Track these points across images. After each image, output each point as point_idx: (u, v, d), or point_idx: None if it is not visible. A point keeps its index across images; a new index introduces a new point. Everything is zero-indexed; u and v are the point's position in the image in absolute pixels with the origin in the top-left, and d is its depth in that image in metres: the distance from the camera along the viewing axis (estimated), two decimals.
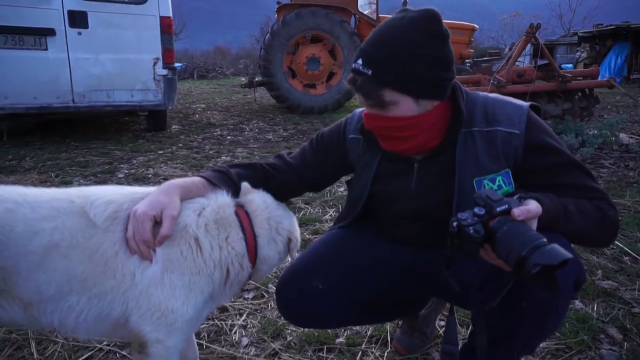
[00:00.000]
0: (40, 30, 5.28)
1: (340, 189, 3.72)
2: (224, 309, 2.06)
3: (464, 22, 10.23)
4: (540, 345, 1.68)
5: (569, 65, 17.82)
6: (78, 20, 5.44)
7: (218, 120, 8.01)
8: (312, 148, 1.52)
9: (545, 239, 0.93)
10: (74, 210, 1.15)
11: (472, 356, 1.27)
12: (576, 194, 1.18)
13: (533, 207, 1.02)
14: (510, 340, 1.18)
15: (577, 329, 1.84)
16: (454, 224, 1.02)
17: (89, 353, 1.74)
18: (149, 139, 6.18)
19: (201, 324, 1.73)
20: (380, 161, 1.38)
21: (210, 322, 1.96)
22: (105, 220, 1.15)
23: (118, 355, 1.74)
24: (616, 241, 2.50)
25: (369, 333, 1.87)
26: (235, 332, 1.90)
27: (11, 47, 5.21)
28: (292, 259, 1.45)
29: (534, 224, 1.03)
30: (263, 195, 1.37)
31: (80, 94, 5.62)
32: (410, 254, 1.42)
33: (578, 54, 19.33)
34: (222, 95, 12.93)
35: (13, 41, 5.21)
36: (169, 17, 5.86)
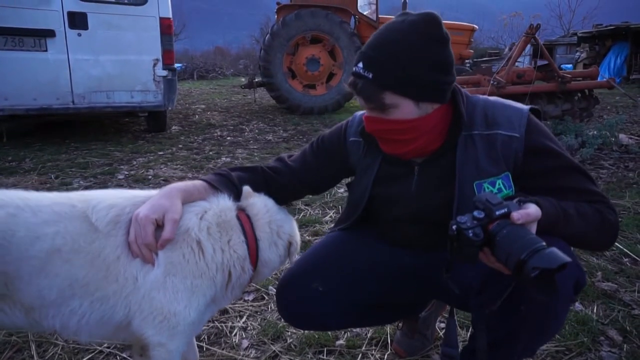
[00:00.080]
0: (40, 32, 5.29)
1: (340, 191, 3.72)
2: (224, 311, 2.06)
3: (463, 23, 10.25)
4: (541, 347, 1.68)
5: (569, 66, 17.85)
6: (78, 22, 5.44)
7: (218, 121, 8.01)
8: (313, 151, 1.52)
9: (544, 243, 0.93)
10: (76, 215, 1.15)
11: (473, 359, 1.27)
12: (576, 198, 1.19)
13: (532, 211, 1.02)
14: (510, 344, 1.18)
15: (577, 331, 1.85)
16: (454, 227, 1.02)
17: (90, 355, 1.75)
18: (148, 140, 6.18)
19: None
20: (380, 164, 1.39)
21: (210, 324, 1.96)
22: (107, 224, 1.16)
23: (118, 358, 1.74)
24: (616, 243, 2.50)
25: (369, 335, 1.87)
26: (235, 335, 1.90)
27: (11, 49, 5.21)
28: (292, 262, 1.46)
29: (534, 228, 1.03)
30: (264, 199, 1.38)
31: (80, 95, 5.62)
32: (410, 257, 1.42)
33: (577, 54, 19.34)
34: (222, 95, 12.93)
35: (13, 42, 5.21)
36: (169, 18, 5.86)
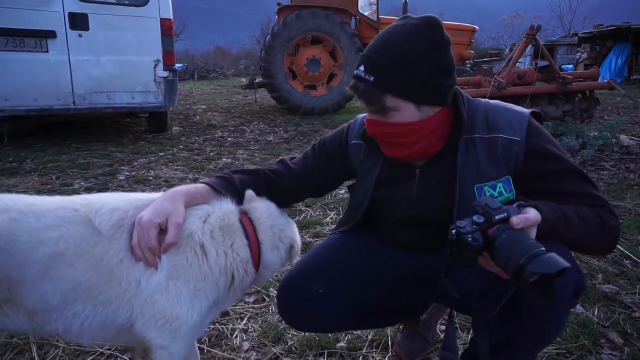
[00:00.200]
0: (41, 33, 5.30)
1: (341, 192, 3.72)
2: (225, 314, 2.06)
3: (464, 24, 10.25)
4: (542, 351, 1.68)
5: (570, 66, 17.85)
6: (79, 23, 5.45)
7: (219, 122, 8.02)
8: (315, 154, 1.52)
9: (543, 248, 0.93)
10: (79, 219, 1.15)
11: None
12: (577, 202, 1.19)
13: (532, 216, 1.02)
14: (511, 348, 1.18)
15: (578, 334, 1.85)
16: (453, 232, 1.02)
17: (91, 358, 1.75)
18: (149, 141, 6.18)
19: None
20: (382, 167, 1.39)
21: (211, 327, 1.96)
22: (110, 228, 1.16)
23: None
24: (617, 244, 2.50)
25: (370, 338, 1.87)
26: (236, 337, 1.90)
27: (12, 50, 5.22)
28: (293, 265, 1.47)
29: (534, 233, 1.03)
30: (267, 203, 1.39)
31: (81, 96, 5.63)
32: (411, 260, 1.42)
33: (579, 54, 19.34)
34: (223, 96, 12.95)
35: (14, 43, 5.22)
36: (170, 20, 5.87)
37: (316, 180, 1.52)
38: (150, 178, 4.36)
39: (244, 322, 2.00)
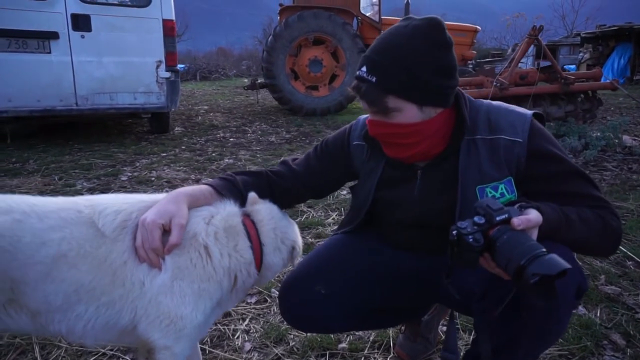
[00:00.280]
0: (43, 34, 5.32)
1: (343, 193, 3.72)
2: (226, 314, 2.06)
3: (466, 24, 10.22)
4: (543, 352, 1.68)
5: (572, 67, 17.78)
6: (81, 24, 5.47)
7: (221, 122, 8.03)
8: (317, 155, 1.53)
9: (544, 249, 0.93)
10: (82, 220, 1.16)
11: None
12: (579, 203, 1.19)
13: (533, 217, 1.03)
14: (512, 349, 1.18)
15: (580, 335, 1.84)
16: (454, 232, 1.02)
17: (93, 358, 1.75)
18: (151, 142, 6.19)
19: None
20: (384, 168, 1.39)
21: (213, 327, 1.96)
22: (114, 230, 1.16)
23: None
24: (619, 246, 2.49)
25: (371, 339, 1.87)
26: (238, 337, 1.90)
27: (15, 51, 5.24)
28: (293, 266, 1.48)
29: (535, 234, 1.03)
30: (269, 206, 1.40)
31: (84, 96, 5.65)
32: (413, 260, 1.43)
33: (581, 54, 19.27)
34: (225, 96, 12.96)
35: (17, 44, 5.24)
36: (172, 20, 5.89)
37: (318, 181, 1.52)
38: (152, 178, 4.36)
39: (246, 323, 2.01)
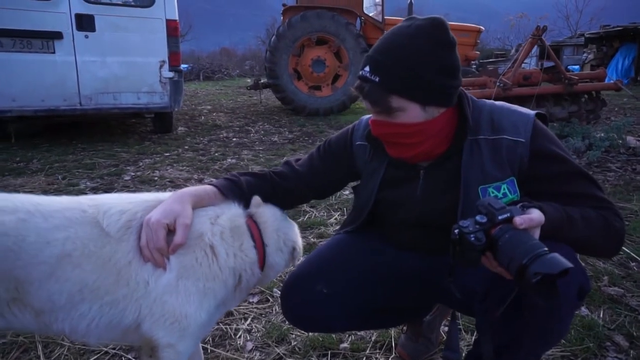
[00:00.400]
0: (47, 34, 5.33)
1: (345, 193, 3.72)
2: (228, 314, 2.06)
3: (469, 24, 10.21)
4: (545, 352, 1.68)
5: (576, 67, 17.73)
6: (85, 24, 5.48)
7: (224, 122, 8.04)
8: (320, 155, 1.53)
9: (546, 248, 0.93)
10: (87, 220, 1.16)
11: None
12: (582, 203, 1.18)
13: (535, 216, 1.02)
14: (514, 349, 1.17)
15: (583, 336, 1.84)
16: (456, 231, 1.03)
17: (95, 356, 1.76)
18: (155, 141, 6.21)
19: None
20: (386, 168, 1.39)
21: (215, 326, 1.96)
22: (118, 230, 1.17)
23: (124, 359, 1.76)
24: (622, 247, 2.48)
25: (373, 338, 1.87)
26: (239, 337, 1.91)
27: (19, 51, 5.26)
28: (294, 266, 1.49)
29: (537, 233, 1.03)
30: (272, 208, 1.42)
31: (87, 96, 5.66)
32: (415, 260, 1.42)
33: (585, 55, 19.21)
34: (228, 96, 12.97)
35: (21, 44, 5.26)
36: (175, 20, 5.90)
37: (321, 182, 1.52)
38: (155, 178, 4.38)
39: (248, 322, 2.01)
